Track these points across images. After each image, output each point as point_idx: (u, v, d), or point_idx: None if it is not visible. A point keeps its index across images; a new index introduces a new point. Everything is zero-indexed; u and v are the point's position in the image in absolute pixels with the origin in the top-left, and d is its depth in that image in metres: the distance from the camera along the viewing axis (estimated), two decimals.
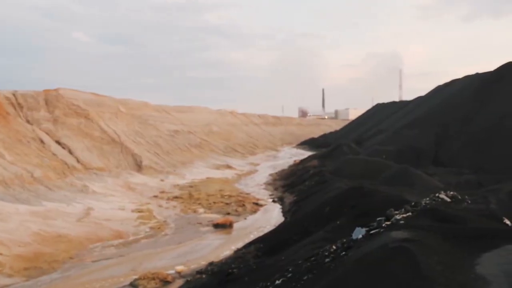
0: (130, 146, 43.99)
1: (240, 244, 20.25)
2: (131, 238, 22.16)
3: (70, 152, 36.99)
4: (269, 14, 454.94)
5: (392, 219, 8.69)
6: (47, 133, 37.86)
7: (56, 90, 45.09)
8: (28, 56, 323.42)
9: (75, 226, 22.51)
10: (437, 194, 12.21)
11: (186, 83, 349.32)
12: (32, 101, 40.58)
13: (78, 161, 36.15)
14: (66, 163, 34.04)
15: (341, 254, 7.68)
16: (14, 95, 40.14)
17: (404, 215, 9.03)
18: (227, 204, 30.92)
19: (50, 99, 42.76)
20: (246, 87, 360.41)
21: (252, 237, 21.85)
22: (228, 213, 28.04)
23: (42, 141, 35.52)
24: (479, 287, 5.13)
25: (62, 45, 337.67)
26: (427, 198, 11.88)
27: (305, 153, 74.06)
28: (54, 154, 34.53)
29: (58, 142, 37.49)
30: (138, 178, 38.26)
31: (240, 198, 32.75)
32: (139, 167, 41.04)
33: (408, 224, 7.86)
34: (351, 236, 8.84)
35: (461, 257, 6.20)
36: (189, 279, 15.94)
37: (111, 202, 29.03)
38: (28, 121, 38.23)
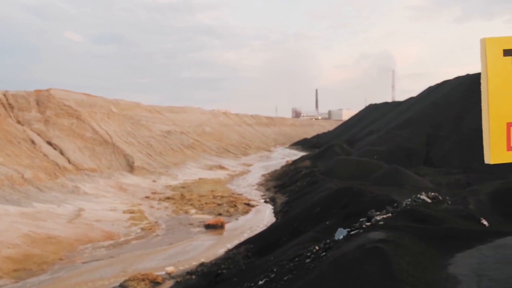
0: (122, 147, 43.89)
1: (231, 245, 20.35)
2: (122, 239, 22.16)
3: (62, 152, 36.84)
4: (262, 15, 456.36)
5: (373, 220, 8.85)
6: (38, 134, 37.68)
7: (47, 90, 44.87)
8: (19, 56, 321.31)
9: (66, 227, 22.47)
10: (418, 195, 12.41)
11: (179, 84, 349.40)
12: (23, 102, 40.36)
13: (69, 162, 36.01)
14: (57, 164, 33.90)
15: (321, 254, 7.81)
16: (4, 95, 39.92)
17: (384, 216, 9.18)
18: (219, 204, 30.97)
19: (41, 100, 42.55)
20: (239, 87, 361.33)
21: (245, 236, 21.97)
22: (220, 214, 28.10)
23: (33, 142, 35.35)
24: (448, 286, 5.27)
25: (54, 45, 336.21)
26: (408, 199, 12.06)
27: (298, 154, 74.23)
28: (45, 155, 34.39)
29: (49, 143, 37.33)
30: (130, 179, 38.19)
31: (232, 199, 32.81)
32: (131, 168, 40.96)
33: (387, 225, 8.01)
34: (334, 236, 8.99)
35: (435, 257, 6.35)
36: (179, 280, 16.02)
37: (102, 203, 28.98)
38: (19, 122, 38.03)
